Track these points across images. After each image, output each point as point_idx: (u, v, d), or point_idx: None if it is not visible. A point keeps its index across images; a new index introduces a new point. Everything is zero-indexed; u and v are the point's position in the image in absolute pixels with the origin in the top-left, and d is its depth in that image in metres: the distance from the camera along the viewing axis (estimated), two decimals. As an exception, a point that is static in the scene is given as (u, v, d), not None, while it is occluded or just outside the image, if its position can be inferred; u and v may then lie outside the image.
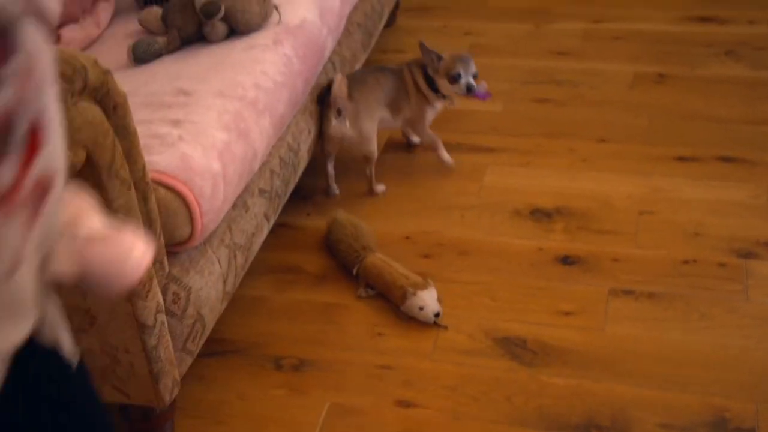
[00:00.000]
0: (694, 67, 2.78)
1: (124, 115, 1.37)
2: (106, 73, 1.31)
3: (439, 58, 2.26)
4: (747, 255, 1.99)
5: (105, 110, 1.33)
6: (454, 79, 2.24)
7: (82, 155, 1.29)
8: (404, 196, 2.32)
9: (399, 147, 2.51)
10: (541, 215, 2.20)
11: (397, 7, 3.07)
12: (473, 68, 2.28)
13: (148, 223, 1.48)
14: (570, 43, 2.97)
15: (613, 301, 1.90)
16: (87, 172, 1.32)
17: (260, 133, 1.78)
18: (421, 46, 2.29)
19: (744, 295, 1.89)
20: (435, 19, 3.17)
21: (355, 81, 2.21)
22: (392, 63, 2.88)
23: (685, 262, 1.99)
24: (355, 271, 2.02)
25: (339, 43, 2.33)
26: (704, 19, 3.07)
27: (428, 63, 2.28)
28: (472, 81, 2.25)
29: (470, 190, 2.32)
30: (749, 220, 2.10)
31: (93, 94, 1.30)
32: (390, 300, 1.95)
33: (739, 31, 2.97)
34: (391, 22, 3.07)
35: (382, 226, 2.20)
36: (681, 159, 2.35)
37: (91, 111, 1.30)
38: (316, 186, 2.37)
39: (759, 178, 2.24)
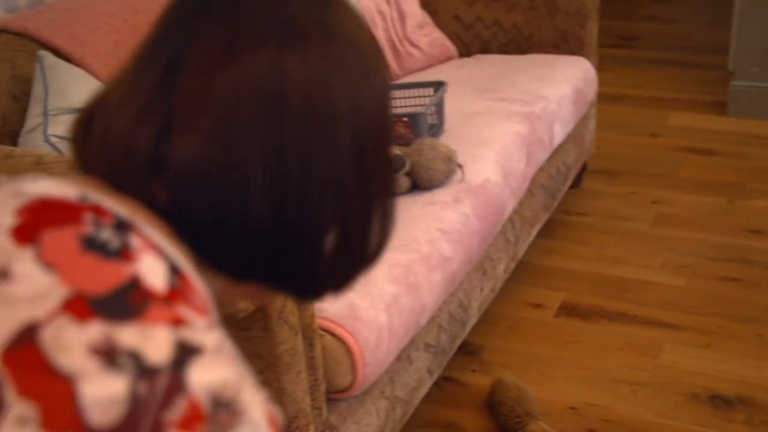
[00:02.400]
0: None
1: (299, 263, 1.42)
2: (288, 222, 1.37)
3: None
4: None
5: (282, 257, 1.38)
6: None
7: (254, 299, 1.33)
8: (573, 362, 2.24)
9: (572, 312, 2.44)
10: (720, 402, 2.06)
11: (584, 169, 3.06)
12: None
13: (311, 369, 1.50)
14: (764, 222, 2.84)
15: None
16: (257, 315, 1.36)
17: (430, 289, 1.79)
18: None
19: None
20: (622, 184, 3.13)
21: None
22: (575, 226, 2.86)
23: None
24: (514, 438, 1.95)
25: (520, 203, 2.33)
26: None
27: None
28: None
29: (644, 365, 2.21)
30: None
31: (272, 241, 1.35)
32: (548, 475, 1.86)
33: None
34: (577, 183, 3.05)
35: (548, 391, 2.12)
36: None
37: (269, 257, 1.35)
38: (485, 343, 2.33)
39: None
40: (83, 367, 0.55)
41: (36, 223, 0.60)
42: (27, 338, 0.55)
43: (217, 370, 0.59)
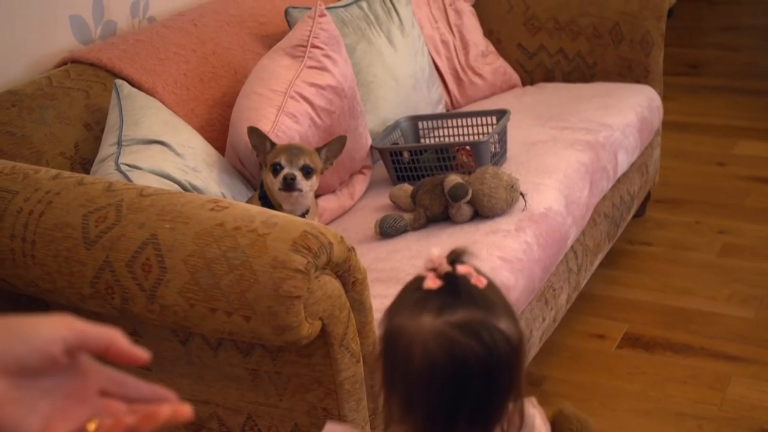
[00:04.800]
0: None
1: (362, 291, 1.43)
2: (350, 250, 1.38)
3: (273, 145, 1.89)
4: None
5: (344, 284, 1.39)
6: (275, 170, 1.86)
7: (317, 326, 1.34)
8: (638, 394, 2.21)
9: (636, 343, 2.41)
10: (789, 439, 2.01)
11: (648, 198, 3.03)
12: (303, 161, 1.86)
13: (372, 397, 1.51)
14: (836, 253, 2.77)
15: None
16: (319, 342, 1.37)
17: (492, 318, 1.78)
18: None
19: None
20: (687, 213, 3.08)
21: None
22: (638, 256, 2.82)
23: None
24: (576, 470, 1.92)
25: (583, 232, 2.31)
26: None
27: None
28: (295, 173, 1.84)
29: (711, 399, 2.17)
30: None
31: (335, 269, 1.37)
32: None
33: None
34: (641, 212, 3.02)
35: (610, 424, 2.09)
36: None
37: (331, 285, 1.36)
38: (546, 374, 2.31)
39: None
40: None
41: None
42: None
43: None
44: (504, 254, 1.90)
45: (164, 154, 1.84)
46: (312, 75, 2.08)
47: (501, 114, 2.37)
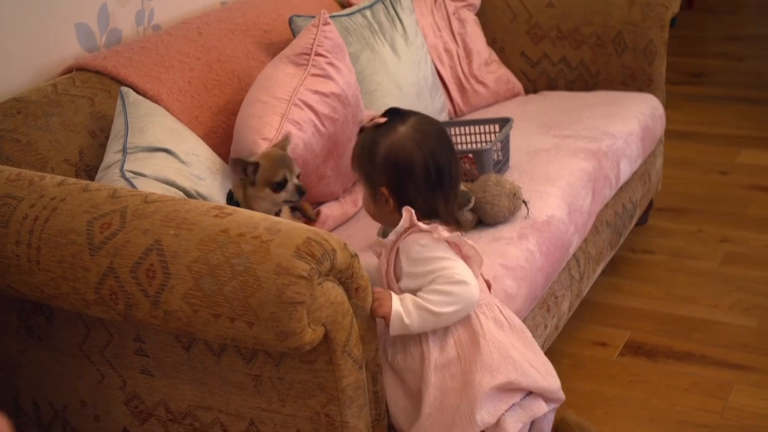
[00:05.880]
0: None
1: (364, 297, 1.44)
2: (353, 256, 1.39)
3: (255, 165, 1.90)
4: None
5: (347, 291, 1.40)
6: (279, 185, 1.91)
7: (320, 332, 1.35)
8: (640, 402, 2.21)
9: (638, 351, 2.41)
10: (791, 447, 2.01)
11: (650, 207, 3.03)
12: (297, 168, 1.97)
13: (374, 403, 1.51)
14: (839, 261, 2.77)
15: None
16: (322, 348, 1.38)
17: (494, 325, 1.79)
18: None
19: None
20: (689, 222, 3.08)
21: None
22: (641, 264, 2.82)
23: None
24: (577, 478, 1.93)
25: (585, 240, 2.32)
26: None
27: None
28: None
29: (713, 407, 2.17)
30: None
31: (338, 275, 1.37)
32: None
33: None
34: (643, 220, 3.02)
35: (612, 431, 2.10)
36: None
37: (335, 291, 1.37)
38: (548, 382, 2.31)
39: None
40: None
41: None
42: None
43: None
44: (506, 262, 1.91)
45: (169, 162, 1.85)
46: (316, 83, 2.09)
47: (504, 122, 2.38)
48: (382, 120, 1.64)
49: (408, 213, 1.56)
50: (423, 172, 1.59)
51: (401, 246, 1.58)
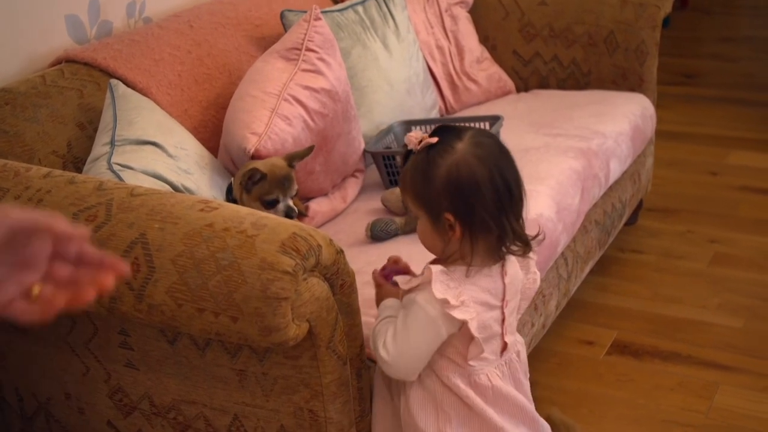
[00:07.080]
0: None
1: (349, 294, 1.43)
2: (339, 252, 1.39)
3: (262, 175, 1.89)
4: None
5: (332, 287, 1.40)
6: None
7: (304, 328, 1.35)
8: (625, 401, 2.21)
9: (625, 350, 2.42)
10: (775, 448, 2.01)
11: (640, 206, 3.04)
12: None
13: (358, 400, 1.51)
14: (826, 265, 2.78)
15: None
16: (306, 344, 1.38)
17: (480, 323, 1.79)
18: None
19: None
20: (679, 222, 3.09)
21: None
22: (629, 264, 2.83)
23: None
24: (562, 477, 1.93)
25: (574, 239, 2.32)
26: None
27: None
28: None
29: (698, 407, 2.17)
30: None
31: (324, 271, 1.37)
32: None
33: None
34: (632, 220, 3.03)
35: (597, 430, 2.10)
36: None
37: (320, 287, 1.37)
38: (534, 379, 2.31)
39: None
40: None
41: None
42: None
43: None
44: (494, 260, 1.90)
45: (157, 155, 1.84)
46: (306, 78, 2.08)
47: (494, 120, 2.38)
48: (434, 140, 1.44)
49: (430, 273, 1.38)
50: (491, 189, 1.42)
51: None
